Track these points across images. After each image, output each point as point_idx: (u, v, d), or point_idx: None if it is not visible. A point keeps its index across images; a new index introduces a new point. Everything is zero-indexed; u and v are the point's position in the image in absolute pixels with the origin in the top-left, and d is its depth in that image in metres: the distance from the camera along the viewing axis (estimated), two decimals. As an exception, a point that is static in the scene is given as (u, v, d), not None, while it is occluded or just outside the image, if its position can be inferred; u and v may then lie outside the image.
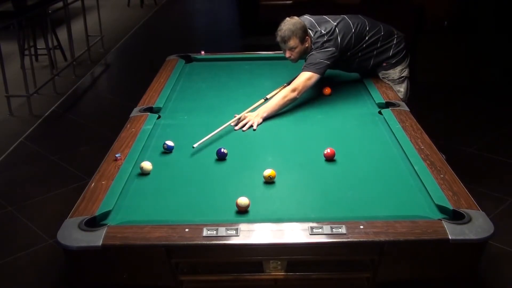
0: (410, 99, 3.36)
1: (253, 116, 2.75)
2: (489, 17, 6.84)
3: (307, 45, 2.97)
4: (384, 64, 3.25)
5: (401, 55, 3.26)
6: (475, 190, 3.20)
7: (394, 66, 3.25)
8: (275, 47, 3.14)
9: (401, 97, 3.22)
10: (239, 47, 6.71)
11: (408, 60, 3.33)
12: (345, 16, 3.14)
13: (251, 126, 2.71)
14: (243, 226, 1.78)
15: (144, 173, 2.22)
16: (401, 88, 3.30)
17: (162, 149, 2.41)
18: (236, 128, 2.69)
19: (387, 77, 3.28)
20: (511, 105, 4.86)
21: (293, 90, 2.86)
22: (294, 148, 2.47)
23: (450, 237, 1.72)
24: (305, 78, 2.90)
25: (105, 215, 1.90)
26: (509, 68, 5.79)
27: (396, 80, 3.27)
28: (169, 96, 3.04)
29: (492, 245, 2.84)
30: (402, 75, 3.28)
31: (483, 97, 5.04)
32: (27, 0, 5.31)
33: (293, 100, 2.88)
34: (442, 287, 2.34)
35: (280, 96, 2.86)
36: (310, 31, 2.99)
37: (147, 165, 2.23)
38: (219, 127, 2.59)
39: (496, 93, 5.14)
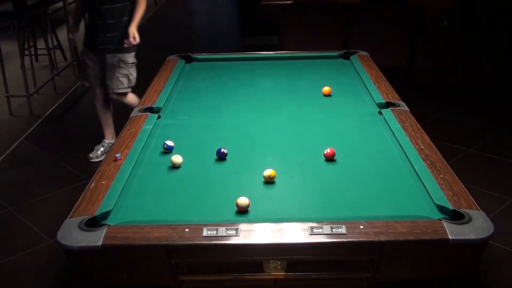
0: (410, 99, 3.35)
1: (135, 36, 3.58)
2: (489, 17, 6.84)
3: None
4: (126, 44, 3.60)
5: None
6: (475, 190, 3.21)
7: (133, 49, 3.67)
8: (275, 47, 3.14)
9: (132, 84, 3.70)
10: (239, 47, 6.71)
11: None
12: None
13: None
14: (243, 226, 1.78)
15: (175, 166, 2.27)
16: (134, 73, 3.74)
17: (162, 149, 2.41)
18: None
19: (124, 60, 3.66)
20: (511, 105, 4.86)
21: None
22: (294, 148, 2.47)
23: (450, 237, 1.71)
24: None
25: (105, 215, 1.90)
26: (509, 69, 5.79)
27: (130, 64, 3.71)
28: (169, 96, 3.04)
29: (492, 245, 2.84)
30: (134, 61, 3.75)
31: (483, 97, 5.05)
32: (27, 0, 5.31)
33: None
34: (442, 287, 2.34)
35: (141, 11, 3.66)
36: None
37: (177, 158, 2.27)
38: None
39: (496, 93, 5.15)
